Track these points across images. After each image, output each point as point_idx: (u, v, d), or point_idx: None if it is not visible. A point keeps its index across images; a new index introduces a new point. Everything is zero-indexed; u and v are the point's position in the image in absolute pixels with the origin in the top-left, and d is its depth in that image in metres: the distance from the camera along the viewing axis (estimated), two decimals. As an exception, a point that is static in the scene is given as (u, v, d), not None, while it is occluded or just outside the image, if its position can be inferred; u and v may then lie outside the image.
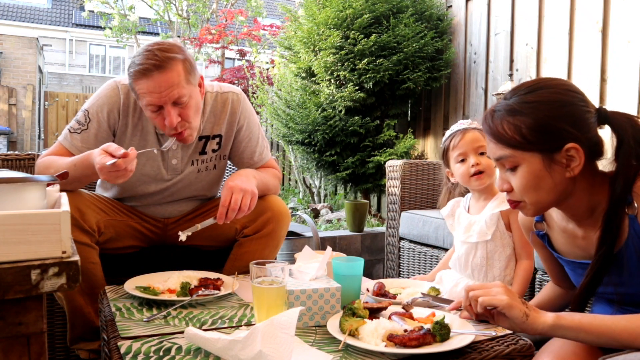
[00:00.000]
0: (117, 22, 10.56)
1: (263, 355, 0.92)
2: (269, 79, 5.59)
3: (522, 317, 0.95)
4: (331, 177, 3.99)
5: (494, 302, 0.97)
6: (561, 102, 1.02)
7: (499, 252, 1.59)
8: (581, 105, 1.03)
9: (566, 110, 1.02)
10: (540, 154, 1.02)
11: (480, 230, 1.60)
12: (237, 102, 1.79)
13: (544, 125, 1.01)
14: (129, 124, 1.71)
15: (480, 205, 1.66)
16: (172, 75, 1.51)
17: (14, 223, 0.73)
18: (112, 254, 1.75)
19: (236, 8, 10.37)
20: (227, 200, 1.53)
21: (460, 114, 3.75)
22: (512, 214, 1.57)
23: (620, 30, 2.68)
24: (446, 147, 1.68)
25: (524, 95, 1.05)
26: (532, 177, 1.03)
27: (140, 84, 1.52)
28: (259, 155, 1.86)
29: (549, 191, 1.04)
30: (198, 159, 1.79)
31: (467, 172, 1.61)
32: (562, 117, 1.01)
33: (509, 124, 1.04)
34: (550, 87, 1.04)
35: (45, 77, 12.78)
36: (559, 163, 1.02)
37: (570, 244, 1.15)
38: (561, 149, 1.01)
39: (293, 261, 1.48)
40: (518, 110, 1.03)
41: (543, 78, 1.11)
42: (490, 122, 1.07)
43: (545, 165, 1.02)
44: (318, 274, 1.30)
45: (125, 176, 1.44)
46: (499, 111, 1.06)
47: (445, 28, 3.83)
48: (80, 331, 1.64)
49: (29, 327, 0.74)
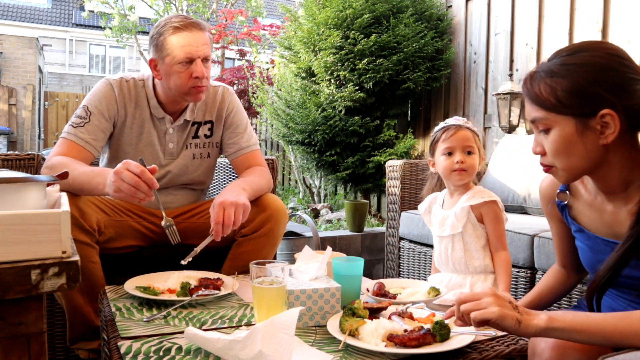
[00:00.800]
0: (117, 22, 10.54)
1: (263, 355, 0.92)
2: (269, 79, 5.58)
3: (515, 324, 0.93)
4: (331, 177, 3.99)
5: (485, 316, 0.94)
6: (601, 66, 0.99)
7: (474, 243, 1.62)
8: (626, 72, 0.99)
9: (605, 74, 0.98)
10: (574, 118, 0.99)
11: (452, 224, 1.64)
12: (227, 92, 1.96)
13: (579, 88, 0.98)
14: (127, 114, 1.81)
15: (453, 200, 1.70)
16: (205, 36, 1.74)
17: (14, 223, 0.73)
18: (112, 253, 1.76)
19: (236, 8, 10.37)
20: (220, 216, 1.54)
21: (461, 113, 3.75)
22: (483, 207, 1.60)
23: (620, 30, 2.68)
24: (437, 138, 1.70)
25: (564, 57, 1.03)
26: (564, 141, 1.01)
27: (180, 37, 1.69)
28: (247, 141, 1.94)
29: (580, 157, 1.01)
30: (191, 143, 1.90)
31: (450, 166, 1.64)
32: (599, 82, 0.97)
33: (545, 85, 1.01)
34: (593, 50, 1.01)
35: (45, 77, 12.78)
36: (592, 129, 0.99)
37: (596, 219, 1.11)
38: (596, 114, 0.97)
39: (293, 261, 1.48)
40: (556, 72, 1.01)
41: (588, 41, 1.07)
42: (529, 83, 1.05)
43: (578, 130, 0.99)
44: (318, 274, 1.30)
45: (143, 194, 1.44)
46: (539, 72, 1.04)
47: (445, 28, 3.83)
48: (80, 330, 1.64)
49: (29, 327, 0.74)
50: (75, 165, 1.62)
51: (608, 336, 0.89)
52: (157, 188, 1.46)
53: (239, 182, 1.74)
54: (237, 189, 1.66)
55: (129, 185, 1.41)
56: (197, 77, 1.71)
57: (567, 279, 1.33)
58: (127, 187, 1.41)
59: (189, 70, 1.70)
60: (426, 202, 1.81)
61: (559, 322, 0.92)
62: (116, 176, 1.42)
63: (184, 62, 1.69)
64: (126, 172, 1.41)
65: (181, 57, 1.68)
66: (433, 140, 1.72)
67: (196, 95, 1.76)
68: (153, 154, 1.85)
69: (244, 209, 1.59)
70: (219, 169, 2.35)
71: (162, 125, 1.85)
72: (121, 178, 1.41)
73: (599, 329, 0.90)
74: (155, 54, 1.73)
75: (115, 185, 1.43)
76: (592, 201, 1.12)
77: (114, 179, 1.43)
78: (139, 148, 1.84)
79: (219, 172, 2.37)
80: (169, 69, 1.71)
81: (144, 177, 1.42)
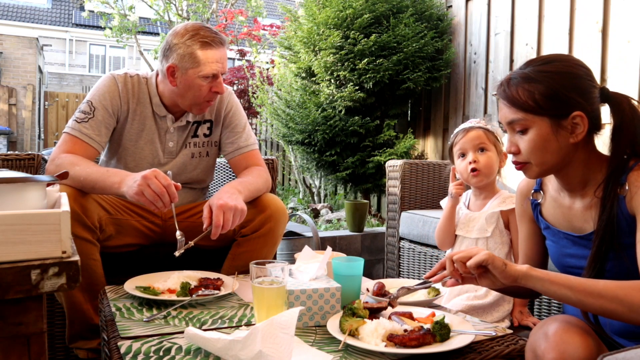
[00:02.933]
0: (117, 22, 10.52)
1: (263, 355, 0.92)
2: (269, 79, 5.58)
3: (502, 265, 1.06)
4: (331, 177, 3.99)
5: (478, 259, 1.07)
6: (572, 75, 1.12)
7: (498, 250, 1.61)
8: (588, 80, 1.14)
9: (576, 82, 1.12)
10: (549, 118, 1.12)
11: (480, 227, 1.64)
12: (226, 92, 1.96)
13: (555, 93, 1.11)
14: (130, 110, 1.82)
15: (480, 202, 1.69)
16: (226, 52, 1.78)
17: (14, 223, 0.73)
18: (112, 252, 1.76)
19: (236, 8, 10.36)
20: (220, 219, 1.56)
21: (460, 114, 3.75)
22: (511, 214, 1.59)
23: (620, 30, 2.68)
24: (452, 143, 1.75)
25: (539, 65, 1.15)
26: (540, 139, 1.13)
27: (210, 53, 1.71)
28: (245, 141, 1.95)
29: (553, 154, 1.14)
30: (191, 142, 1.92)
31: (466, 167, 1.67)
32: (572, 88, 1.11)
33: (523, 89, 1.13)
34: (564, 61, 1.15)
35: (45, 77, 12.78)
36: (564, 128, 1.12)
37: (559, 215, 1.24)
38: (568, 115, 1.11)
39: (293, 261, 1.48)
40: (533, 78, 1.13)
41: (556, 53, 1.23)
42: (507, 87, 1.17)
43: (552, 129, 1.12)
44: (318, 274, 1.30)
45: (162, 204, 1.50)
46: (515, 78, 1.16)
47: (445, 28, 3.82)
48: (79, 329, 1.64)
49: (29, 327, 0.74)
50: (87, 163, 1.65)
51: (575, 290, 1.02)
52: (177, 202, 1.54)
53: (235, 184, 1.73)
54: (234, 192, 1.65)
55: (153, 192, 1.48)
56: (216, 92, 1.77)
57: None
58: (151, 193, 1.48)
59: (210, 84, 1.74)
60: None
61: (537, 271, 1.06)
62: (143, 180, 1.48)
63: (209, 76, 1.72)
64: (155, 179, 1.48)
65: (208, 72, 1.71)
66: (450, 146, 1.77)
67: (205, 108, 1.83)
68: (153, 151, 1.86)
69: (241, 214, 1.61)
70: (218, 168, 2.35)
71: (163, 124, 1.86)
72: (148, 184, 1.47)
73: (568, 282, 1.03)
74: (177, 62, 1.71)
75: (140, 188, 1.48)
76: (557, 197, 1.26)
77: (140, 181, 1.48)
78: (139, 145, 1.84)
79: (219, 172, 2.37)
80: (191, 80, 1.73)
81: (170, 190, 1.49)
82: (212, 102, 1.81)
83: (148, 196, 1.48)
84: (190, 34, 1.70)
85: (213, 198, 1.61)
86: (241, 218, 1.61)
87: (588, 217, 1.17)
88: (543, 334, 1.03)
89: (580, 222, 1.19)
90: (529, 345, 1.05)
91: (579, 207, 1.19)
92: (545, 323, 1.07)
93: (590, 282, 1.03)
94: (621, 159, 1.12)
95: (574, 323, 1.04)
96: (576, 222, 1.20)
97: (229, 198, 1.60)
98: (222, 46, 1.75)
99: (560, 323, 1.03)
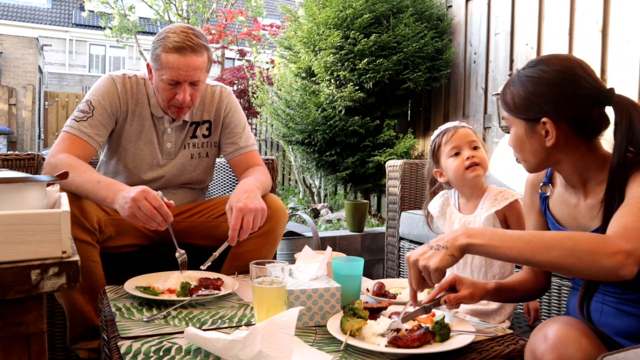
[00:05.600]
0: (117, 22, 10.53)
1: (263, 355, 0.92)
2: (269, 79, 5.58)
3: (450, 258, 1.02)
4: (331, 177, 3.99)
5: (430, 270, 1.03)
6: (545, 81, 1.11)
7: None
8: (568, 87, 1.10)
9: (546, 89, 1.11)
10: (524, 122, 1.15)
11: None
12: (225, 92, 1.96)
13: (525, 98, 1.13)
14: (129, 111, 1.82)
15: (471, 204, 1.64)
16: (200, 61, 1.69)
17: (14, 223, 0.73)
18: (112, 252, 1.76)
19: (236, 8, 10.36)
20: (239, 223, 1.53)
21: (460, 114, 3.75)
22: (507, 209, 1.57)
23: (620, 30, 2.68)
24: (437, 144, 1.65)
25: (527, 68, 1.16)
26: (517, 139, 1.17)
27: (171, 58, 1.66)
28: (245, 141, 1.94)
29: (530, 154, 1.16)
30: (189, 143, 1.91)
31: (462, 165, 1.58)
32: (541, 95, 1.11)
33: (509, 91, 1.17)
34: (547, 65, 1.13)
35: (45, 77, 12.78)
36: (538, 133, 1.13)
37: (565, 212, 1.24)
38: (538, 121, 1.12)
39: (293, 261, 1.48)
40: (516, 81, 1.16)
41: (551, 55, 1.18)
42: (505, 88, 1.20)
43: (527, 132, 1.15)
44: (318, 274, 1.30)
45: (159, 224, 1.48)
46: (513, 78, 1.19)
47: (445, 28, 3.83)
48: (80, 330, 1.64)
49: (29, 327, 0.74)
50: (82, 168, 1.60)
51: (520, 249, 0.98)
52: (172, 221, 1.50)
53: (254, 182, 1.71)
54: (254, 190, 1.63)
55: (144, 214, 1.45)
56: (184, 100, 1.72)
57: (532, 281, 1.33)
58: (142, 215, 1.46)
59: (174, 90, 1.71)
60: (437, 205, 1.72)
61: (478, 239, 1.01)
62: (133, 203, 1.45)
63: (171, 82, 1.69)
64: (144, 201, 1.45)
65: (167, 77, 1.68)
66: (434, 148, 1.66)
67: (176, 114, 1.79)
68: (152, 152, 1.86)
69: (262, 214, 1.58)
70: (218, 168, 2.35)
71: (161, 125, 1.86)
72: (138, 206, 1.45)
73: (513, 244, 0.99)
74: (151, 62, 1.74)
75: (130, 210, 1.46)
76: (563, 194, 1.25)
77: (130, 204, 1.45)
78: (138, 146, 1.84)
79: (219, 172, 2.37)
80: (157, 82, 1.74)
81: (161, 211, 1.46)
82: (182, 110, 1.76)
83: (140, 218, 1.46)
84: (162, 36, 1.70)
85: (232, 199, 1.59)
86: (262, 218, 1.59)
87: (593, 215, 1.16)
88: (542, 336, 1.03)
89: (585, 220, 1.18)
90: (529, 346, 1.05)
91: (585, 205, 1.19)
92: (544, 325, 1.07)
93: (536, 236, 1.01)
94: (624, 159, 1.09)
95: (573, 324, 1.04)
96: (582, 220, 1.19)
97: (247, 199, 1.57)
98: (193, 54, 1.66)
99: (559, 324, 1.03)
